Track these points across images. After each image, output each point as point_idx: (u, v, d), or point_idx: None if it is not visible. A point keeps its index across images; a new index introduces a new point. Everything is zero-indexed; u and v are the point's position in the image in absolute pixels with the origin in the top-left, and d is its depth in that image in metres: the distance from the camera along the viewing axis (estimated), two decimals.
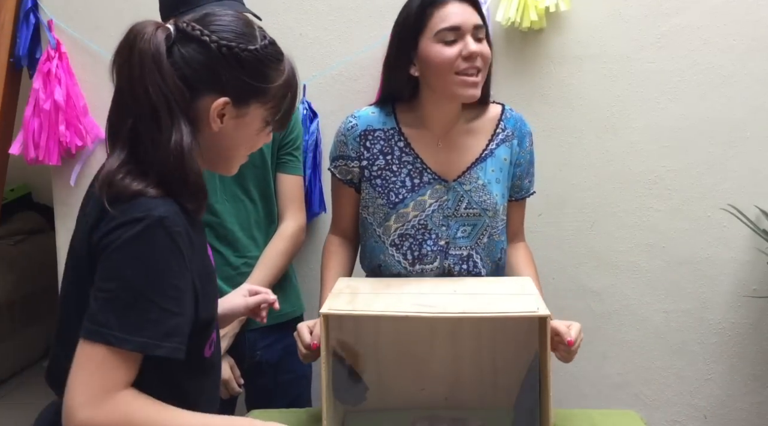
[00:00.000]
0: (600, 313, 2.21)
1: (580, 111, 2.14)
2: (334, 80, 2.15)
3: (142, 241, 0.98)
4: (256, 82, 1.09)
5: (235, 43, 1.06)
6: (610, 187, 2.17)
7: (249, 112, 1.10)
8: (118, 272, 0.98)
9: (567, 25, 2.10)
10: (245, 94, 1.09)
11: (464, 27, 1.47)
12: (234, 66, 1.06)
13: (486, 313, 1.29)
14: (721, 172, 2.12)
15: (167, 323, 0.99)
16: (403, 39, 1.53)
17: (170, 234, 0.99)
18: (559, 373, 1.39)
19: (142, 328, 0.97)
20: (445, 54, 1.47)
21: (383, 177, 1.58)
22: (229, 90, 1.07)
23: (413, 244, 1.58)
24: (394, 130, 1.59)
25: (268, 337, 1.81)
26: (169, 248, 0.99)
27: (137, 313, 0.97)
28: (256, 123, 1.12)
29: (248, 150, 1.16)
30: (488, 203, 1.57)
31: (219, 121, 1.08)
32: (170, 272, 0.99)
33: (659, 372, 2.23)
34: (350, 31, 2.14)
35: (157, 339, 0.98)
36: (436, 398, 1.45)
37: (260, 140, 1.16)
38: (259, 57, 1.08)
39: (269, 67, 1.10)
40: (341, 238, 1.69)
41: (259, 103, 1.10)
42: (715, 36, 2.08)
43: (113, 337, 0.96)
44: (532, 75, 2.12)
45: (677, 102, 2.11)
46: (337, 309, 1.29)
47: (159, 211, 0.99)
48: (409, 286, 1.45)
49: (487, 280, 1.56)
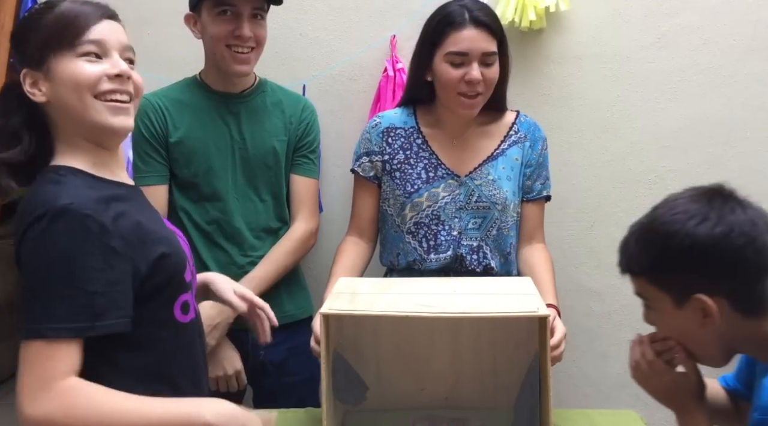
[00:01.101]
0: (600, 313, 2.21)
1: (580, 111, 2.14)
2: (334, 80, 2.15)
3: (49, 232, 1.01)
4: (31, 41, 1.12)
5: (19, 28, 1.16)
6: (610, 187, 2.17)
7: (51, 67, 1.11)
8: (35, 269, 1.02)
9: (567, 25, 2.10)
10: (32, 53, 1.12)
11: (472, 54, 1.58)
12: (15, 47, 1.15)
13: (486, 313, 1.29)
14: (721, 172, 2.12)
15: (96, 304, 1.02)
16: (423, 45, 1.66)
17: (77, 218, 1.02)
18: (559, 373, 1.39)
19: (70, 315, 1.00)
20: (449, 75, 1.60)
21: (402, 170, 1.70)
22: (21, 60, 1.13)
23: (428, 233, 1.66)
24: (414, 128, 1.72)
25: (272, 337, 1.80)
26: (79, 232, 1.02)
27: (62, 301, 1.00)
28: (68, 70, 1.11)
29: (81, 87, 1.12)
30: (497, 197, 1.66)
31: (36, 91, 1.12)
32: (86, 254, 1.02)
33: None
34: (350, 31, 2.13)
35: (89, 321, 1.01)
36: (436, 398, 1.45)
37: (84, 72, 1.11)
38: (26, 21, 1.16)
39: (37, 20, 1.13)
40: (357, 238, 1.76)
41: (52, 54, 1.11)
42: (715, 36, 2.08)
43: (45, 330, 1.00)
44: (532, 75, 2.12)
45: (677, 102, 2.11)
46: (337, 309, 1.29)
47: (60, 201, 1.02)
48: (409, 286, 1.45)
49: (487, 279, 1.56)
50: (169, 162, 1.77)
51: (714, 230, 1.05)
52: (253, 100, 1.82)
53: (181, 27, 1.79)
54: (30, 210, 1.03)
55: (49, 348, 1.00)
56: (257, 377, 1.83)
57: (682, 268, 1.07)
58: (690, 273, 1.07)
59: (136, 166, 1.76)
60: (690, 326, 1.11)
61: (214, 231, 1.78)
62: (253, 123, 1.80)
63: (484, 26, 1.59)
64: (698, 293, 1.06)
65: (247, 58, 1.73)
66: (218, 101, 1.79)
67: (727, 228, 1.05)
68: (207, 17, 1.71)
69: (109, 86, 1.12)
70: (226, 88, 1.80)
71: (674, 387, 1.16)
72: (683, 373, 1.18)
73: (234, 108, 1.80)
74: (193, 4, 1.75)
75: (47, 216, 1.01)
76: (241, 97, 1.81)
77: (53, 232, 1.01)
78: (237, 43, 1.70)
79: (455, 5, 1.62)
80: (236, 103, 1.80)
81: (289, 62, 2.11)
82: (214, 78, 1.79)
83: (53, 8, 1.14)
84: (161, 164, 1.76)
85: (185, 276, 1.17)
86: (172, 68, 1.93)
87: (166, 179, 1.77)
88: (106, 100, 1.13)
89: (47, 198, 1.04)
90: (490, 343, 1.41)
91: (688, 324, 1.10)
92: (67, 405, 0.99)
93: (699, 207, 1.08)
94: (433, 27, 1.63)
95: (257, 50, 1.76)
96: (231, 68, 1.74)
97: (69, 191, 1.05)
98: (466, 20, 1.58)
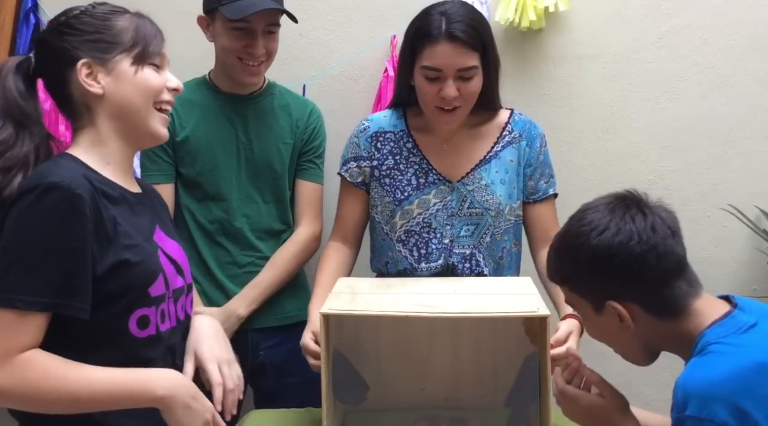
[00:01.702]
0: None
1: (580, 111, 2.14)
2: (334, 80, 2.15)
3: (38, 205, 1.02)
4: (103, 33, 1.14)
5: (64, 16, 1.16)
6: (610, 187, 2.13)
7: (115, 65, 1.14)
8: (16, 238, 1.02)
9: (567, 25, 2.10)
10: (99, 48, 1.14)
11: (446, 71, 1.49)
12: (75, 31, 1.14)
13: (486, 313, 1.29)
14: (721, 172, 2.12)
15: (72, 283, 1.02)
16: (404, 52, 1.57)
17: (66, 197, 1.02)
18: None
19: (45, 289, 1.01)
20: (424, 89, 1.53)
21: (391, 176, 1.62)
22: (84, 50, 1.13)
23: (419, 241, 1.60)
24: (404, 132, 1.64)
25: (272, 337, 1.80)
26: (67, 210, 1.02)
27: (39, 274, 1.01)
28: (130, 70, 1.15)
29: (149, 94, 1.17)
30: (490, 203, 1.59)
31: (94, 83, 1.13)
32: (69, 233, 1.02)
33: (660, 372, 2.21)
34: (350, 31, 2.13)
35: (62, 298, 1.02)
36: (436, 398, 1.45)
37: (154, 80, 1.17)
38: (95, 14, 1.16)
39: (111, 18, 1.16)
40: (340, 243, 1.69)
41: (119, 52, 1.15)
42: (715, 36, 2.08)
43: (19, 301, 1.00)
44: (532, 75, 2.12)
45: (677, 102, 2.11)
46: (337, 309, 1.29)
47: (52, 178, 1.03)
48: (409, 286, 1.45)
49: (487, 279, 1.56)
50: (175, 160, 1.77)
51: (613, 240, 1.09)
52: (261, 102, 1.83)
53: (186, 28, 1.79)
54: (27, 183, 1.04)
55: (18, 319, 1.00)
56: (257, 378, 1.83)
57: (593, 276, 1.13)
58: (600, 281, 1.12)
59: (144, 164, 1.77)
60: (611, 330, 1.16)
61: (215, 230, 1.78)
62: (259, 125, 1.81)
63: (461, 41, 1.47)
64: (610, 300, 1.11)
65: (257, 70, 1.75)
66: (226, 102, 1.80)
67: (626, 237, 1.09)
68: (220, 27, 1.72)
69: (167, 97, 1.20)
70: (234, 89, 1.80)
71: (592, 409, 1.20)
72: (596, 394, 1.22)
73: (241, 109, 1.80)
74: (207, 9, 1.75)
75: (38, 189, 1.02)
76: (249, 98, 1.81)
77: (42, 205, 1.02)
78: (249, 58, 1.72)
79: (435, 13, 1.51)
80: (244, 104, 1.81)
81: (289, 62, 2.11)
82: (223, 80, 1.80)
83: (124, 14, 1.18)
84: (168, 163, 1.77)
85: (150, 290, 1.13)
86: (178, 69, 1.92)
87: (172, 178, 1.78)
88: (160, 110, 1.19)
89: (41, 173, 1.05)
90: (490, 343, 1.41)
91: (609, 328, 1.16)
92: (24, 377, 1.01)
93: (601, 217, 1.13)
94: (412, 35, 1.54)
95: (268, 62, 1.77)
96: (240, 78, 1.76)
97: (64, 172, 1.06)
98: (442, 34, 1.47)
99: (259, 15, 1.67)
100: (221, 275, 1.77)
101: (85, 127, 1.16)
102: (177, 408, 1.08)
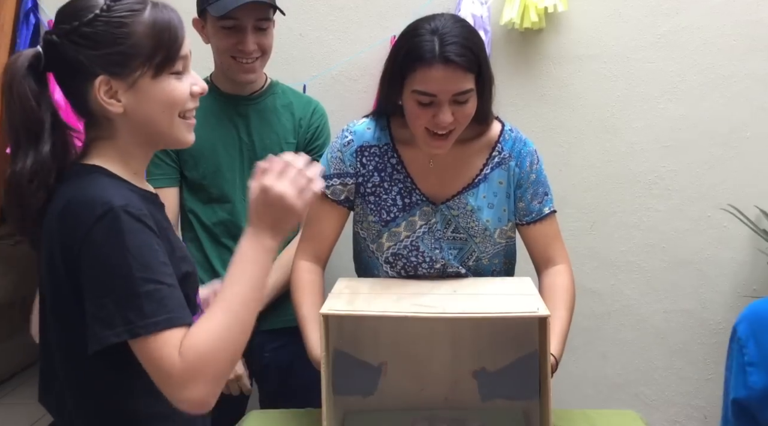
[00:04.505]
0: (600, 313, 2.21)
1: (580, 111, 2.14)
2: (335, 80, 2.15)
3: (116, 232, 0.97)
4: (120, 44, 1.02)
5: (77, 22, 1.02)
6: (610, 187, 2.17)
7: (137, 79, 1.04)
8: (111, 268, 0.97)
9: (567, 26, 2.10)
10: (117, 61, 1.03)
11: (441, 96, 1.38)
12: (88, 43, 1.02)
13: (486, 314, 1.29)
14: (722, 172, 2.12)
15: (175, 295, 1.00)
16: (393, 72, 1.45)
17: (134, 217, 0.99)
18: (559, 373, 1.38)
19: (160, 307, 0.97)
20: (415, 113, 1.41)
21: (376, 194, 1.54)
22: (101, 65, 1.02)
23: (407, 265, 1.55)
24: (388, 145, 1.54)
25: (277, 339, 1.80)
26: (142, 230, 0.99)
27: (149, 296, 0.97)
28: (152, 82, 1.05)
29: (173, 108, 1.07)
30: (475, 229, 1.53)
31: (114, 101, 1.04)
32: (154, 250, 0.99)
33: (659, 372, 2.23)
34: (351, 31, 2.14)
35: (177, 312, 0.98)
36: (436, 398, 1.45)
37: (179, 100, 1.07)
38: (107, 20, 1.02)
39: (125, 24, 1.03)
40: (314, 264, 1.57)
41: (139, 62, 1.03)
42: (715, 36, 2.08)
43: (140, 328, 0.95)
44: (531, 75, 2.12)
45: (677, 102, 2.11)
46: (337, 309, 1.29)
47: (117, 201, 0.98)
48: (408, 286, 1.45)
49: (487, 280, 1.55)
50: (179, 164, 1.77)
51: None
52: (263, 101, 1.82)
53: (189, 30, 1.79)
54: (87, 209, 0.98)
55: (155, 339, 0.96)
56: (262, 379, 1.83)
57: None
58: None
59: (148, 168, 1.75)
60: None
61: (220, 232, 1.78)
62: (262, 125, 1.80)
63: (456, 65, 1.36)
64: None
65: (252, 67, 1.74)
66: (227, 103, 1.80)
67: None
68: (211, 28, 1.72)
69: (192, 105, 1.11)
70: (235, 90, 1.80)
71: None
72: None
73: (243, 110, 1.80)
74: (199, 11, 1.75)
75: (108, 217, 0.97)
76: (250, 99, 1.81)
77: (121, 230, 0.97)
78: (241, 55, 1.71)
79: (426, 33, 1.38)
80: (245, 105, 1.80)
81: (290, 62, 2.12)
82: (223, 81, 1.80)
83: (142, 12, 1.04)
84: (172, 167, 1.77)
85: (197, 298, 1.15)
86: None
87: (176, 182, 1.78)
88: (185, 118, 1.10)
89: (103, 196, 0.99)
90: (489, 343, 1.41)
91: None
92: (200, 356, 0.96)
93: None
94: (402, 56, 1.41)
95: (263, 58, 1.76)
96: (236, 77, 1.76)
97: (115, 191, 1.01)
98: (436, 57, 1.35)
99: (246, 11, 1.66)
100: None
101: (106, 138, 1.09)
102: (280, 220, 1.06)
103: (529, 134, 1.61)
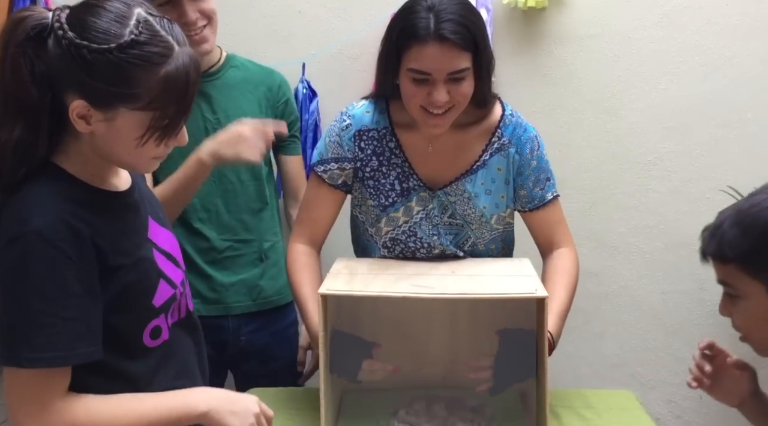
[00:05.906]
0: (598, 293, 2.21)
1: (581, 91, 2.12)
2: (334, 59, 2.13)
3: (22, 262, 0.96)
4: (116, 87, 0.96)
5: (86, 42, 0.94)
6: (610, 168, 2.16)
7: (117, 116, 0.98)
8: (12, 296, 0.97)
9: (569, 5, 2.08)
10: (105, 98, 0.97)
11: (435, 74, 1.36)
12: (83, 67, 0.95)
13: (484, 295, 1.29)
14: (722, 153, 2.12)
15: (74, 330, 0.98)
16: (389, 50, 1.43)
17: (51, 244, 0.96)
18: (555, 353, 1.39)
19: (49, 343, 0.97)
20: (410, 91, 1.40)
21: (375, 178, 1.53)
22: (87, 92, 0.97)
23: (405, 250, 1.54)
24: (387, 129, 1.52)
25: (253, 322, 1.77)
26: (54, 258, 0.96)
27: (42, 329, 0.96)
28: (132, 129, 1.00)
29: (140, 157, 1.04)
30: (472, 216, 1.52)
31: (83, 122, 0.98)
32: (62, 281, 0.97)
33: (656, 352, 2.24)
34: (350, 8, 2.11)
35: (68, 349, 0.98)
36: (433, 378, 1.46)
37: (150, 150, 1.03)
38: (112, 59, 0.94)
39: (133, 69, 0.96)
40: (310, 247, 1.57)
41: (127, 108, 0.98)
42: (717, 16, 2.06)
43: (24, 360, 0.96)
44: (533, 55, 2.11)
45: (678, 83, 2.10)
46: (335, 289, 1.29)
47: (34, 225, 0.95)
48: (407, 267, 1.45)
49: (486, 260, 1.55)
50: None
51: None
52: (222, 76, 1.73)
53: None
54: (5, 225, 0.98)
55: (37, 373, 0.97)
56: (239, 363, 1.80)
57: None
58: None
59: None
60: None
61: (191, 217, 1.71)
62: (227, 100, 1.72)
63: (451, 43, 1.33)
64: None
65: (202, 37, 1.63)
66: None
67: None
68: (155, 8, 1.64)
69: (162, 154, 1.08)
70: None
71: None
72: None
73: (203, 87, 1.67)
74: None
75: (20, 242, 0.95)
76: (207, 75, 1.69)
77: (29, 257, 0.95)
78: (186, 28, 1.58)
79: (422, 11, 1.36)
80: (204, 82, 1.67)
81: (288, 40, 2.10)
82: None
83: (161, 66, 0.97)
84: None
85: (153, 302, 1.10)
86: None
87: None
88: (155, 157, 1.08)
89: (25, 216, 0.97)
90: (487, 324, 1.41)
91: None
92: (69, 422, 0.98)
93: None
94: (397, 33, 1.40)
95: (211, 25, 1.65)
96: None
97: (48, 208, 0.98)
98: (431, 34, 1.33)
99: None
100: (202, 263, 1.72)
101: (71, 135, 1.03)
102: (224, 417, 1.07)
103: (530, 114, 1.60)
